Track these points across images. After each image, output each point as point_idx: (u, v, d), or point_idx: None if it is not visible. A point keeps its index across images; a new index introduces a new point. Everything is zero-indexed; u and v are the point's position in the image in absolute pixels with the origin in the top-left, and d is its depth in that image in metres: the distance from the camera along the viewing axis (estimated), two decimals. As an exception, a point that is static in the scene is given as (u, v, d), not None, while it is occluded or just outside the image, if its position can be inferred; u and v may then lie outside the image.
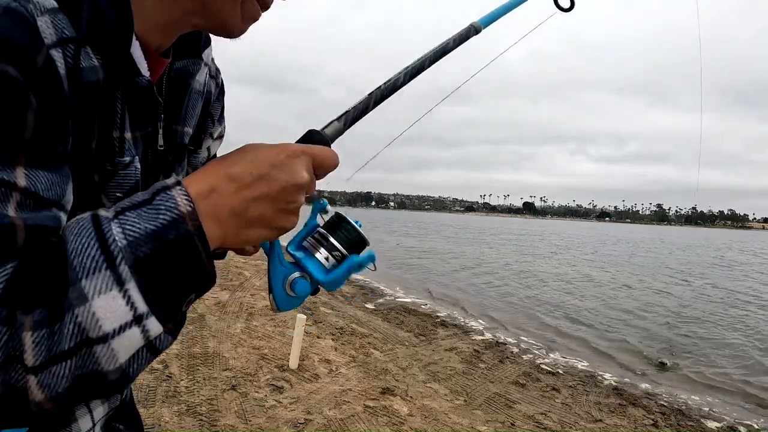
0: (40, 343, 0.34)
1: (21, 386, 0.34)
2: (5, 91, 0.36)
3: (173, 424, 2.43)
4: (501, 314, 7.04)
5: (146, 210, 0.38)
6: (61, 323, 0.34)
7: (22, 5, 0.38)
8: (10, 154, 0.36)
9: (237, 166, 0.42)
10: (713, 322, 7.40)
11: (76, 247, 0.35)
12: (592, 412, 3.34)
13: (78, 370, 0.35)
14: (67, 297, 0.34)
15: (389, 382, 3.43)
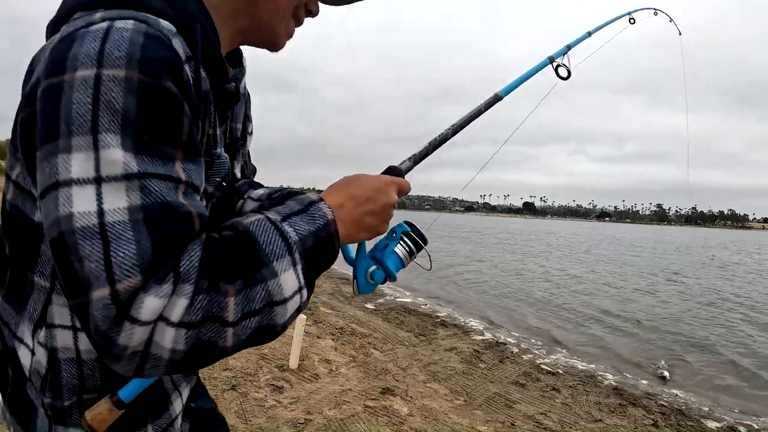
0: (239, 304, 0.48)
1: (213, 339, 0.47)
2: (168, 103, 0.48)
3: (173, 424, 2.44)
4: (501, 314, 7.04)
5: (305, 217, 0.55)
6: (254, 290, 0.48)
7: (157, 29, 0.49)
8: (173, 152, 0.48)
9: (356, 190, 0.62)
10: (709, 323, 7.40)
11: (266, 240, 0.50)
12: (592, 412, 3.34)
13: (260, 323, 0.50)
14: (260, 272, 0.49)
15: (389, 382, 3.42)
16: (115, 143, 0.45)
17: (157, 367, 0.47)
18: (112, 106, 0.45)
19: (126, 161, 0.45)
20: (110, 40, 0.47)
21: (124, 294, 0.44)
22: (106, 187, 0.45)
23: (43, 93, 0.48)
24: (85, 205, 0.44)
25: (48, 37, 0.56)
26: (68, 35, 0.49)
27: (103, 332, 0.44)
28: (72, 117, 0.45)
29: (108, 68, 0.46)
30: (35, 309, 0.58)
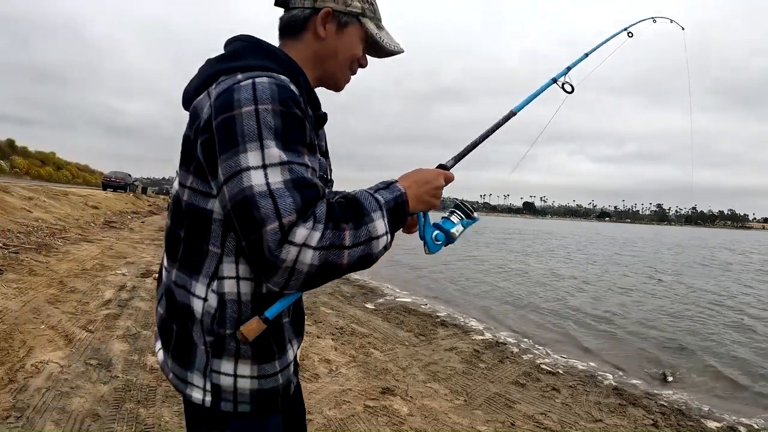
0: (352, 237, 0.78)
1: (334, 260, 0.77)
2: (297, 121, 0.80)
3: (173, 424, 2.43)
4: (501, 314, 7.04)
5: (388, 190, 0.87)
6: (361, 229, 0.79)
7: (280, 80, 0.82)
8: (303, 149, 0.80)
9: (417, 176, 0.94)
10: (709, 323, 7.40)
11: (366, 200, 0.83)
12: (592, 412, 3.34)
13: (364, 252, 0.80)
14: (363, 219, 0.80)
15: (389, 381, 3.42)
16: (272, 145, 0.77)
17: (298, 280, 0.77)
18: (268, 125, 0.77)
19: (279, 154, 0.77)
20: (257, 89, 0.79)
21: (286, 225, 0.74)
22: (269, 170, 0.76)
23: (221, 122, 0.79)
24: (259, 180, 0.75)
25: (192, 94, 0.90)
26: (227, 89, 0.81)
27: (272, 250, 0.74)
28: (245, 133, 0.77)
29: (261, 104, 0.78)
30: (209, 268, 0.87)
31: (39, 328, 3.59)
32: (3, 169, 33.89)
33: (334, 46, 0.97)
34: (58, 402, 2.51)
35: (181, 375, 0.90)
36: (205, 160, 0.83)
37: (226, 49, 0.94)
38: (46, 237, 8.21)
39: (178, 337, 0.90)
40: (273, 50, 0.91)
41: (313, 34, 0.96)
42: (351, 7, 0.96)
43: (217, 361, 0.86)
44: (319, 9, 0.95)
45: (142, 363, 3.18)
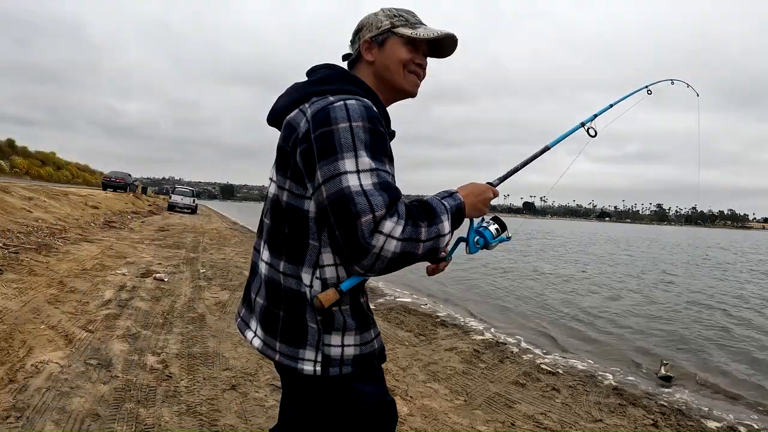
0: (426, 232, 0.96)
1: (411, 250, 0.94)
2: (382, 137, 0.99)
3: (173, 424, 2.43)
4: (501, 314, 7.04)
5: (451, 198, 1.06)
6: (432, 227, 0.97)
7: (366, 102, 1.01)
8: (386, 159, 0.98)
9: (472, 188, 1.14)
10: (709, 322, 7.40)
11: (436, 205, 1.01)
12: (592, 412, 3.34)
13: (433, 245, 0.98)
14: (434, 219, 0.98)
15: (389, 381, 3.42)
16: (364, 155, 0.95)
17: (381, 264, 0.95)
18: (360, 138, 0.96)
19: (369, 162, 0.95)
20: (350, 109, 0.98)
21: (378, 218, 0.92)
22: (362, 174, 0.94)
23: (320, 135, 0.97)
24: (354, 182, 0.93)
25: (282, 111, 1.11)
26: (323, 108, 1.00)
27: (366, 238, 0.92)
28: (342, 144, 0.95)
29: (354, 121, 0.97)
30: (312, 259, 1.04)
31: (39, 328, 3.59)
32: (3, 169, 33.88)
33: (382, 61, 1.17)
34: (58, 402, 2.51)
35: (291, 353, 1.06)
36: (303, 165, 1.01)
37: (313, 75, 1.16)
38: (46, 237, 8.21)
39: (286, 321, 1.07)
40: (355, 78, 1.13)
41: (366, 62, 1.18)
42: (381, 27, 1.17)
43: (327, 336, 1.05)
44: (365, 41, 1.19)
45: (142, 363, 3.18)
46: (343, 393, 1.07)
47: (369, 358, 1.11)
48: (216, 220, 24.05)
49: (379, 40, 1.16)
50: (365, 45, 1.17)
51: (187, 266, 7.43)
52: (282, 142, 1.08)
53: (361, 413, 1.10)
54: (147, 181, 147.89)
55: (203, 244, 10.87)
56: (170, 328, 4.05)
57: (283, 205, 1.06)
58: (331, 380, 1.06)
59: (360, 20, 1.22)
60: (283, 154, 1.06)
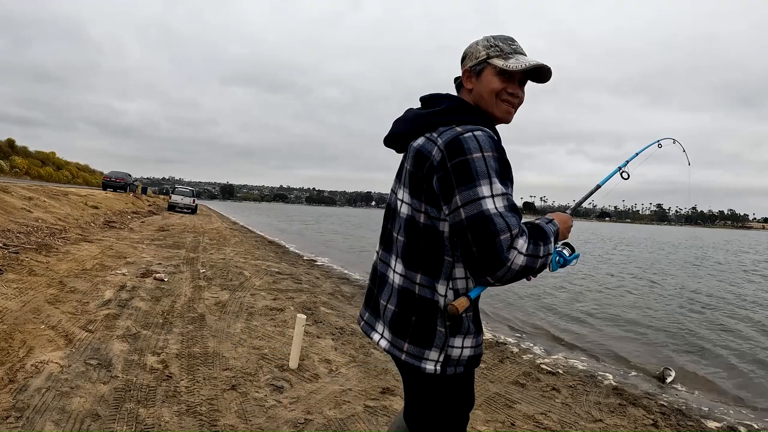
0: (544, 250, 1.15)
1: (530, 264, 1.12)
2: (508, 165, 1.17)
3: (173, 424, 2.43)
4: (501, 314, 7.04)
5: (552, 224, 1.26)
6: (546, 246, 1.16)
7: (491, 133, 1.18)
8: (510, 183, 1.17)
9: (562, 218, 1.34)
10: (708, 322, 7.39)
11: (546, 228, 1.21)
12: (592, 412, 3.33)
13: (544, 262, 1.16)
14: (546, 240, 1.17)
15: (389, 381, 3.42)
16: (496, 181, 1.11)
17: (509, 275, 1.10)
18: (492, 167, 1.12)
19: (501, 188, 1.12)
20: (480, 140, 1.13)
21: (513, 235, 1.09)
22: (496, 198, 1.10)
23: (456, 164, 1.13)
24: (491, 205, 1.09)
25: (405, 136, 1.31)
26: (453, 138, 1.15)
27: (503, 252, 1.07)
28: (478, 172, 1.11)
29: (486, 152, 1.12)
30: (447, 272, 1.21)
31: (39, 328, 3.59)
32: (3, 169, 33.88)
33: (479, 90, 1.29)
34: (58, 402, 2.51)
35: (417, 353, 1.24)
36: (440, 191, 1.17)
37: (434, 105, 1.31)
38: (46, 237, 8.21)
39: (418, 325, 1.24)
40: (475, 108, 1.29)
41: (466, 89, 1.33)
42: (479, 58, 1.29)
43: (452, 338, 1.23)
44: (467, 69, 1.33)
45: (142, 363, 3.18)
46: (452, 389, 1.28)
47: (477, 359, 1.30)
48: (216, 220, 24.05)
49: (476, 70, 1.30)
50: (465, 74, 1.33)
51: (187, 266, 7.43)
52: (414, 168, 1.24)
53: (461, 407, 1.32)
54: (147, 181, 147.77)
55: (203, 244, 10.87)
56: (170, 328, 4.05)
57: (421, 226, 1.23)
58: (446, 378, 1.25)
59: (466, 48, 1.36)
60: (416, 179, 1.23)
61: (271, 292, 6.12)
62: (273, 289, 6.35)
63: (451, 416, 1.32)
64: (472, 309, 1.26)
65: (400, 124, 1.36)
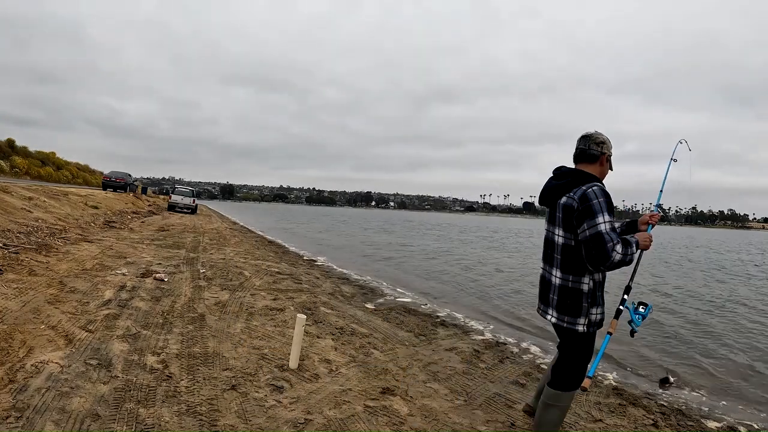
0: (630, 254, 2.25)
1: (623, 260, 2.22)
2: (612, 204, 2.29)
3: (173, 424, 2.43)
4: (501, 314, 7.03)
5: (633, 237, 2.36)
6: (630, 251, 2.25)
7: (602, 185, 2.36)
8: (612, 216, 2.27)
9: (643, 235, 2.43)
10: (707, 322, 7.39)
11: (632, 242, 2.30)
12: (592, 412, 3.33)
13: (630, 259, 2.26)
14: (631, 248, 2.25)
15: (389, 381, 3.42)
16: (606, 214, 2.23)
17: (611, 267, 2.21)
18: (603, 206, 2.23)
19: (609, 218, 2.22)
20: (596, 191, 2.26)
21: (614, 244, 2.18)
22: (606, 224, 2.20)
23: (585, 206, 2.24)
24: (603, 228, 2.19)
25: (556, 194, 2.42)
26: (584, 192, 2.28)
27: (610, 253, 2.16)
28: (596, 210, 2.22)
29: (601, 198, 2.25)
30: (585, 271, 2.34)
31: (39, 328, 3.59)
32: (3, 169, 33.87)
33: (604, 168, 2.49)
34: (58, 402, 2.51)
35: (572, 321, 2.35)
36: (576, 223, 2.27)
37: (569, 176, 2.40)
38: (46, 237, 8.20)
39: (572, 305, 2.35)
40: (592, 175, 2.38)
41: (599, 164, 2.46)
42: (609, 151, 2.49)
43: (592, 309, 2.35)
44: (604, 154, 2.46)
45: (142, 363, 3.18)
46: (589, 338, 2.40)
47: (601, 322, 2.42)
48: (216, 220, 24.05)
49: (607, 156, 2.49)
50: (604, 157, 2.47)
51: (187, 266, 7.42)
52: (564, 215, 2.34)
53: (590, 351, 2.44)
54: (147, 181, 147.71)
55: (203, 244, 10.87)
56: (170, 328, 4.05)
57: (572, 248, 2.34)
58: (588, 334, 2.39)
59: (599, 134, 2.48)
60: (567, 221, 2.33)
61: (271, 292, 6.12)
62: (273, 289, 6.35)
63: (586, 357, 2.43)
64: (600, 290, 2.40)
65: (547, 191, 2.47)
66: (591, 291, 2.33)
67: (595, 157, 2.42)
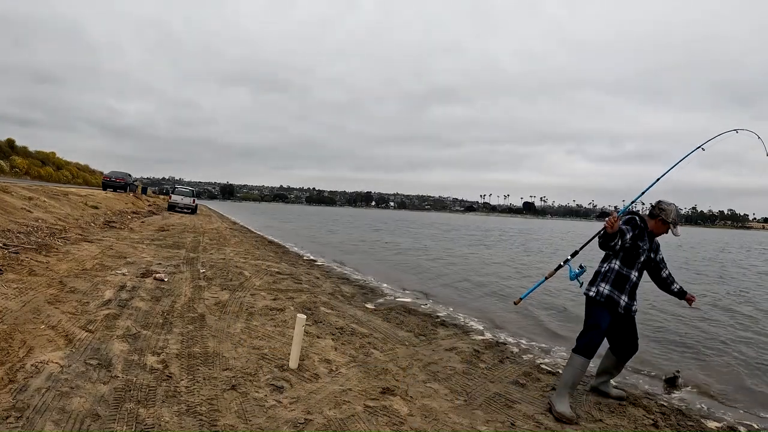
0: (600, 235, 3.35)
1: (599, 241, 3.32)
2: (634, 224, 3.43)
3: (173, 424, 2.43)
4: (501, 314, 7.03)
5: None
6: (600, 233, 3.29)
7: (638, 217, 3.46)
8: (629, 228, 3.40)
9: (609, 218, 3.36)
10: (707, 322, 7.39)
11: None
12: (592, 412, 3.33)
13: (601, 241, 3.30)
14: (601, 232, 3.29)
15: (389, 381, 3.42)
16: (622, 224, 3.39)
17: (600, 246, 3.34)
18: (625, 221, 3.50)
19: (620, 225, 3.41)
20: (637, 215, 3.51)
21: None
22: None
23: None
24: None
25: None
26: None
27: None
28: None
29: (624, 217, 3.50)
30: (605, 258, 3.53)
31: (39, 328, 3.59)
32: (3, 169, 33.87)
33: (658, 226, 3.47)
34: (58, 402, 2.51)
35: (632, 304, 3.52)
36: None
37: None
38: (46, 237, 8.20)
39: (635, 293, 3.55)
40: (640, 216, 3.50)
41: (658, 220, 3.46)
42: (669, 219, 3.41)
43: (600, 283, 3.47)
44: (658, 216, 3.45)
45: (142, 363, 3.18)
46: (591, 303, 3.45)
47: (608, 296, 3.41)
48: (216, 220, 24.05)
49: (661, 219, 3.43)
50: (656, 214, 3.45)
51: (187, 266, 7.42)
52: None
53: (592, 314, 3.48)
54: (147, 181, 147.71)
55: (203, 244, 10.87)
56: (170, 328, 4.05)
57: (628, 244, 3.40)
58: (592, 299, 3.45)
59: (666, 204, 3.43)
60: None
61: (271, 292, 6.12)
62: (273, 289, 6.35)
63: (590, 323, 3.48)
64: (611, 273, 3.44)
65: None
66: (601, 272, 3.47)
67: (654, 215, 3.46)
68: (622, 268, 3.39)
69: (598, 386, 3.72)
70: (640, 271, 3.47)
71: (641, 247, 3.41)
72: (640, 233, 3.39)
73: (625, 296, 3.40)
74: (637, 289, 3.50)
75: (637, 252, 3.41)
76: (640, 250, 3.41)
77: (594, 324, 3.33)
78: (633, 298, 3.48)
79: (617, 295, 3.37)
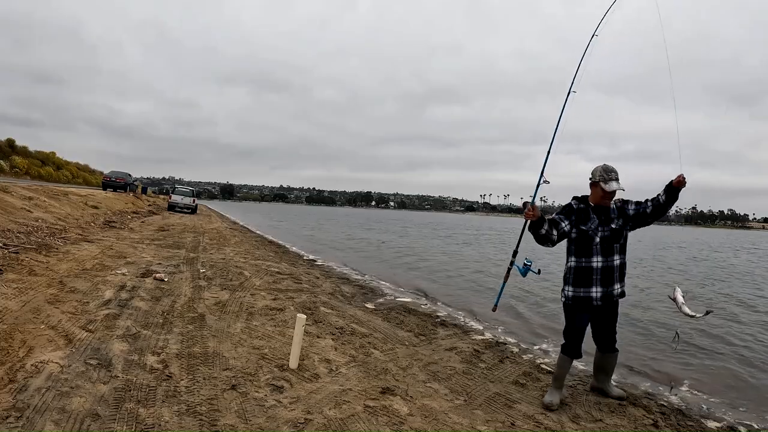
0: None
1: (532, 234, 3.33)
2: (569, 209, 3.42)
3: (173, 424, 2.43)
4: (501, 314, 7.03)
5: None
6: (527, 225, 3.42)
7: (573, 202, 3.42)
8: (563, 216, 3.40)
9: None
10: (707, 321, 7.39)
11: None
12: (592, 412, 3.33)
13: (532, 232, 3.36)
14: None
15: (389, 381, 3.42)
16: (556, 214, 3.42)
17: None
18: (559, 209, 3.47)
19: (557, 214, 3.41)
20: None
21: None
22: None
23: None
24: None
25: None
26: None
27: None
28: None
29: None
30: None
31: (39, 328, 3.59)
32: (3, 169, 33.87)
33: (594, 193, 3.31)
34: (58, 402, 2.51)
35: (623, 288, 3.45)
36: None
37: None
38: (46, 237, 8.20)
39: (619, 277, 3.39)
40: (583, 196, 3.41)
41: (591, 188, 3.34)
42: (596, 178, 3.28)
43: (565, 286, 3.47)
44: (591, 180, 3.32)
45: (142, 363, 3.18)
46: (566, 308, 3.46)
47: (579, 298, 3.36)
48: (216, 220, 24.05)
49: (592, 183, 3.30)
50: (590, 182, 3.33)
51: (187, 266, 7.42)
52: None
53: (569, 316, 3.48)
54: (147, 181, 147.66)
55: (203, 244, 10.87)
56: (170, 328, 4.05)
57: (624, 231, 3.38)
58: (565, 304, 3.44)
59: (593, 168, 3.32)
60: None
61: (271, 292, 6.12)
62: (273, 289, 6.35)
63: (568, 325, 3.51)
64: (570, 273, 3.41)
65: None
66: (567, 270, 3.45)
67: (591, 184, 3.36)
68: (580, 261, 3.28)
69: (598, 386, 3.70)
70: (606, 251, 3.24)
71: (590, 228, 3.23)
72: (582, 215, 3.27)
73: (596, 287, 3.25)
74: (616, 271, 3.29)
75: (587, 236, 3.24)
76: (590, 233, 3.23)
77: (568, 326, 3.42)
78: (610, 284, 3.27)
79: (584, 291, 3.28)
